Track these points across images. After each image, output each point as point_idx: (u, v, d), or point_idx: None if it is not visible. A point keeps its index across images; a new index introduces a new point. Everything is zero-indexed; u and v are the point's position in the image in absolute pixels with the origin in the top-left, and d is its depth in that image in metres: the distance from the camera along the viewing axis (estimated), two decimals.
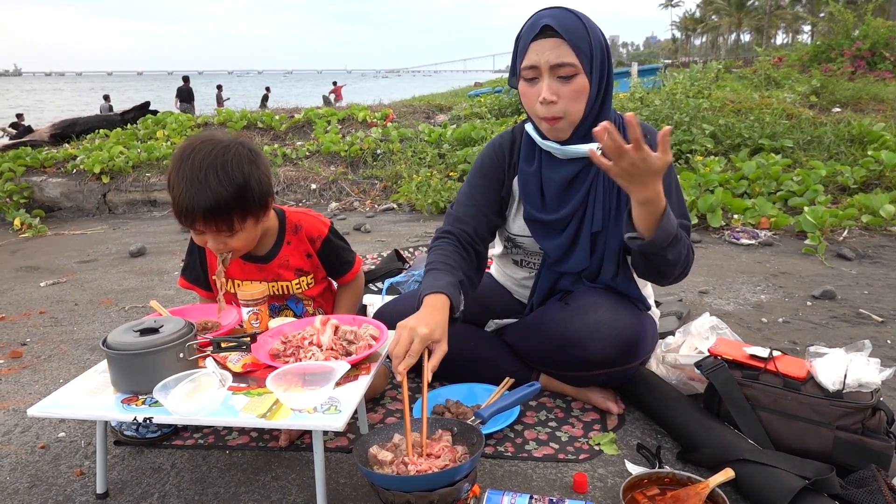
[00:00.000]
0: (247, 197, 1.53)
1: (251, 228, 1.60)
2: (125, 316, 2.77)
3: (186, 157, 1.51)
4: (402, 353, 1.32)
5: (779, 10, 65.47)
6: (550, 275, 1.70)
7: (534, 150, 1.66)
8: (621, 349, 1.53)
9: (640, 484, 1.31)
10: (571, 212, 1.61)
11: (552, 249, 1.65)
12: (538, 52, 1.47)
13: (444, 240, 1.67)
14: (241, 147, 1.56)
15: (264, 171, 1.59)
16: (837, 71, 7.77)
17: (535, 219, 1.66)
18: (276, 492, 1.42)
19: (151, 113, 7.56)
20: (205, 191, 1.47)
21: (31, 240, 4.72)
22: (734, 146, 5.16)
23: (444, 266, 1.56)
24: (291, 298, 1.83)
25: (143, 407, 1.26)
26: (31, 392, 2.01)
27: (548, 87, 1.48)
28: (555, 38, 1.45)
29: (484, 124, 6.19)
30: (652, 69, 11.38)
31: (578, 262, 1.63)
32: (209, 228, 1.53)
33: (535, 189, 1.65)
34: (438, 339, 1.37)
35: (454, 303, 1.47)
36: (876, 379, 1.38)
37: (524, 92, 1.55)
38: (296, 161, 6.04)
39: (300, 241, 1.77)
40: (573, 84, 1.48)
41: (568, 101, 1.49)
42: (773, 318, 2.43)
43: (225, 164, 1.50)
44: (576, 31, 1.46)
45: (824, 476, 1.26)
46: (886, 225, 3.68)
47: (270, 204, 1.64)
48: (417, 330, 1.33)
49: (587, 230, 1.61)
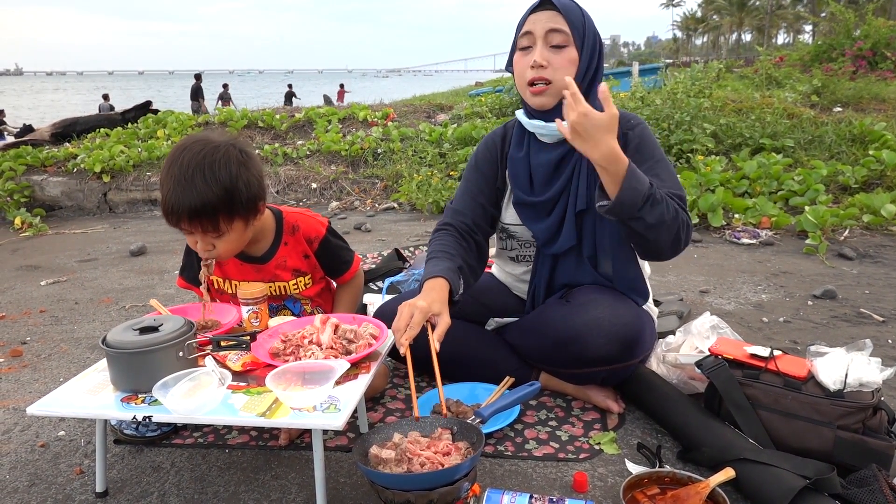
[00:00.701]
0: (234, 198, 1.51)
1: (239, 231, 1.58)
2: (125, 315, 2.77)
3: (176, 158, 1.51)
4: (403, 327, 1.36)
5: (780, 10, 65.41)
6: (547, 260, 1.73)
7: (523, 136, 1.72)
8: (621, 345, 1.53)
9: (640, 483, 1.31)
10: (557, 193, 1.66)
11: (540, 231, 1.69)
12: (534, 21, 1.57)
13: (444, 231, 1.72)
14: (231, 148, 1.54)
15: (254, 174, 1.57)
16: (839, 70, 7.76)
17: (523, 202, 1.71)
18: (276, 491, 1.41)
19: (152, 112, 7.55)
20: (190, 191, 1.46)
21: (31, 239, 4.72)
22: (735, 146, 5.15)
23: (443, 254, 1.61)
24: (289, 299, 1.82)
25: (142, 405, 1.26)
26: (31, 391, 2.01)
27: (539, 53, 1.55)
28: (551, 11, 1.56)
29: (485, 124, 6.18)
30: (653, 69, 11.37)
31: (565, 241, 1.66)
32: (195, 229, 1.52)
33: (524, 174, 1.71)
34: (438, 311, 1.41)
35: (453, 286, 1.49)
36: (877, 378, 1.38)
37: (517, 62, 1.62)
38: (296, 160, 6.04)
39: (297, 241, 1.76)
40: (564, 53, 1.55)
41: (557, 67, 1.55)
42: (774, 318, 2.42)
43: (212, 164, 1.49)
44: (571, 9, 1.57)
45: (825, 475, 1.26)
46: (887, 224, 3.68)
47: (261, 207, 1.62)
48: (416, 304, 1.38)
49: (572, 210, 1.64)
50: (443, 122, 6.90)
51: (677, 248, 1.50)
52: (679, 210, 1.46)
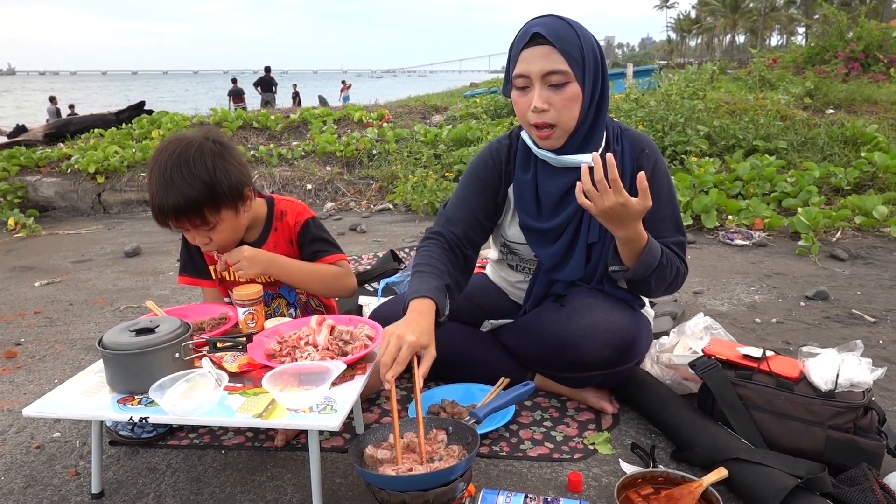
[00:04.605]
0: (215, 190, 1.55)
1: (231, 219, 1.62)
2: (120, 316, 2.77)
3: (156, 161, 1.56)
4: (390, 362, 1.31)
5: (773, 12, 65.71)
6: (545, 280, 1.71)
7: (529, 157, 1.65)
8: (617, 350, 1.53)
9: (634, 483, 1.32)
10: (566, 221, 1.61)
11: (546, 257, 1.65)
12: (528, 60, 1.46)
13: (433, 241, 1.66)
14: (205, 142, 1.58)
15: (232, 162, 1.60)
16: (831, 73, 7.80)
17: (530, 227, 1.66)
18: (272, 491, 1.42)
19: (146, 113, 7.53)
20: (171, 190, 1.51)
21: (25, 239, 4.70)
22: (729, 147, 5.18)
23: (431, 269, 1.56)
24: (284, 286, 1.84)
25: (138, 407, 1.26)
26: (26, 392, 2.01)
27: (538, 95, 1.46)
28: (545, 46, 1.44)
29: (480, 125, 6.20)
30: (647, 70, 11.41)
31: (573, 272, 1.63)
32: (183, 226, 1.57)
33: (530, 198, 1.65)
34: (426, 344, 1.36)
35: (440, 307, 1.46)
36: (867, 379, 1.39)
37: (516, 101, 1.53)
38: (291, 161, 6.04)
39: (285, 226, 1.80)
40: (565, 92, 1.46)
41: (560, 108, 1.47)
42: (767, 319, 2.44)
43: (188, 161, 1.53)
44: (567, 39, 1.44)
45: (816, 475, 1.27)
46: (879, 226, 3.71)
47: (247, 193, 1.65)
48: (405, 338, 1.33)
49: (583, 241, 1.61)
50: (438, 123, 6.91)
51: (667, 294, 1.62)
52: (679, 267, 1.55)
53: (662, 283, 1.52)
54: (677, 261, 1.54)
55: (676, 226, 1.57)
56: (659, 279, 1.50)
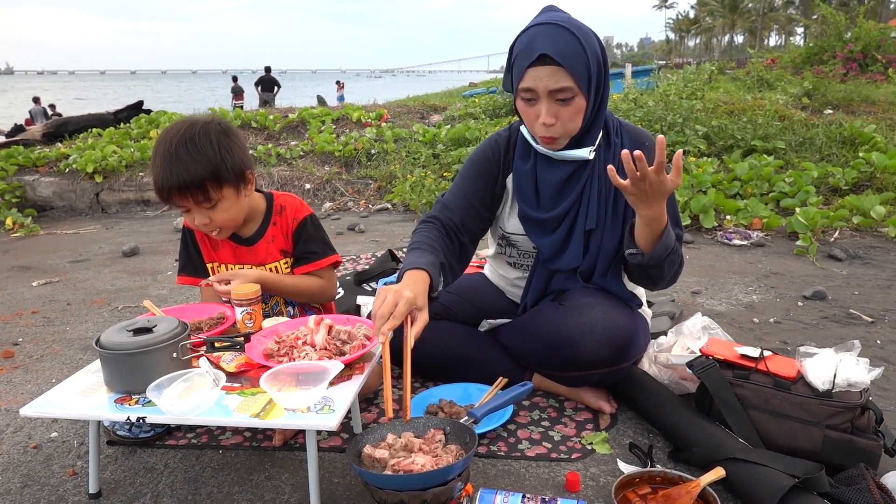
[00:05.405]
0: (218, 166, 1.58)
1: (232, 198, 1.64)
2: (118, 316, 2.77)
3: (162, 140, 1.60)
4: (388, 314, 1.31)
5: (772, 13, 65.80)
6: (544, 273, 1.71)
7: (529, 149, 1.68)
8: (614, 350, 1.54)
9: (631, 483, 1.32)
10: (565, 210, 1.63)
11: (545, 246, 1.67)
12: (535, 77, 1.46)
13: (430, 224, 1.68)
14: (211, 123, 1.63)
15: (236, 142, 1.65)
16: (829, 73, 7.81)
17: (529, 217, 1.67)
18: (270, 491, 1.42)
19: (144, 112, 7.52)
20: (177, 165, 1.55)
21: (23, 239, 4.70)
22: (727, 147, 5.19)
23: (427, 247, 1.57)
24: None
25: (136, 407, 1.26)
26: (24, 392, 2.01)
27: (547, 110, 1.49)
28: (552, 66, 1.44)
29: (478, 124, 6.20)
30: (646, 70, 11.43)
31: (571, 260, 1.65)
32: (186, 202, 1.59)
33: (529, 188, 1.67)
34: (421, 306, 1.37)
35: (434, 282, 1.46)
36: (865, 378, 1.39)
37: (523, 110, 1.55)
38: (290, 161, 6.03)
39: (284, 221, 1.81)
40: (572, 105, 1.49)
41: (566, 121, 1.51)
42: (765, 319, 2.44)
43: (193, 137, 1.57)
44: (572, 55, 1.44)
45: (814, 474, 1.27)
46: (877, 226, 3.71)
47: (249, 176, 1.68)
48: (403, 293, 1.33)
49: (580, 229, 1.63)
50: (436, 122, 6.91)
51: (668, 285, 1.63)
52: (682, 257, 1.58)
53: (671, 269, 1.54)
54: (681, 250, 1.57)
55: (675, 220, 1.58)
56: (670, 265, 1.52)
